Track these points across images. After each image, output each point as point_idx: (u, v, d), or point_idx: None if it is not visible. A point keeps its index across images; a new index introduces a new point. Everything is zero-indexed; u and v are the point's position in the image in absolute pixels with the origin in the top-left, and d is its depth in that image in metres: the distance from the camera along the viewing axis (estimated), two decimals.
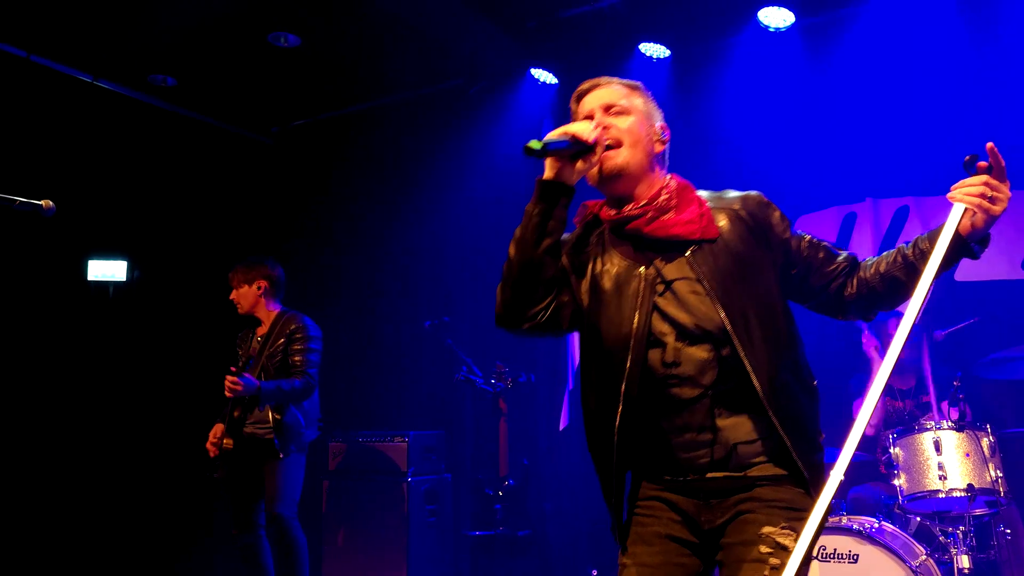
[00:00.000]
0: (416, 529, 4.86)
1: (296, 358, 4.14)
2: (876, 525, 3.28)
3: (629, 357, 1.80)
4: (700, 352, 1.78)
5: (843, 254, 1.92)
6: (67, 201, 2.86)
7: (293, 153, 6.36)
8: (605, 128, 1.86)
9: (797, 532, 1.70)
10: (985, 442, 3.36)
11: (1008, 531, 3.56)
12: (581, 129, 1.81)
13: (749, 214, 1.87)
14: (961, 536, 3.33)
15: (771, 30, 4.67)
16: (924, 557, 3.22)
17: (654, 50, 4.98)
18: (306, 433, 4.20)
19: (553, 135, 1.81)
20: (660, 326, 1.80)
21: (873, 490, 3.99)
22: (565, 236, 1.96)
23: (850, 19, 4.62)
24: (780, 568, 1.69)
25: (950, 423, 3.41)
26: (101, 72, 5.32)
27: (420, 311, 5.82)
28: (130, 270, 5.75)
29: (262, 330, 4.32)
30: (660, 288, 1.82)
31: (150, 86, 5.53)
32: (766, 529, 1.74)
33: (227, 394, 3.90)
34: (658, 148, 1.92)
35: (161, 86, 5.53)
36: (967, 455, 3.33)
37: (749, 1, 4.61)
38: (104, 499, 5.48)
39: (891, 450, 3.51)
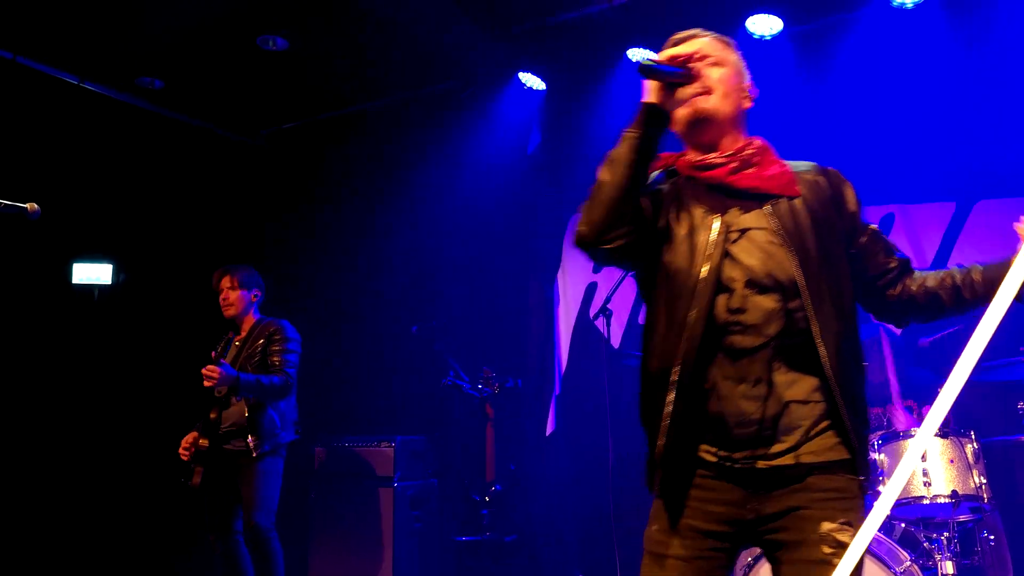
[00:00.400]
0: (402, 534, 4.84)
1: (275, 358, 4.15)
2: None
3: (696, 300, 1.78)
4: (768, 301, 1.77)
5: (900, 254, 1.95)
6: (53, 204, 2.84)
7: (281, 156, 6.34)
8: (699, 77, 1.87)
9: (854, 526, 1.71)
10: (969, 449, 3.37)
11: (992, 537, 3.58)
12: (682, 51, 1.84)
13: (828, 183, 1.91)
14: (945, 542, 3.34)
15: (756, 37, 4.70)
16: (909, 563, 3.23)
17: (642, 57, 5.00)
18: (282, 435, 4.16)
19: (660, 58, 1.84)
20: (730, 272, 1.79)
21: None
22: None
23: (838, 27, 4.66)
24: None
25: (934, 430, 3.42)
26: (88, 74, 5.29)
27: (408, 315, 5.81)
28: (116, 273, 5.71)
29: (240, 337, 4.32)
30: (734, 236, 1.82)
31: (137, 88, 5.51)
32: (825, 527, 1.74)
33: (205, 383, 3.89)
34: (746, 104, 1.95)
35: (148, 88, 5.51)
36: (951, 461, 3.35)
37: (737, 8, 4.64)
38: (90, 502, 5.45)
39: (875, 456, 3.52)
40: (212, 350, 4.36)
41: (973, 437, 3.41)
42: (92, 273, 5.64)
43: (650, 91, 1.83)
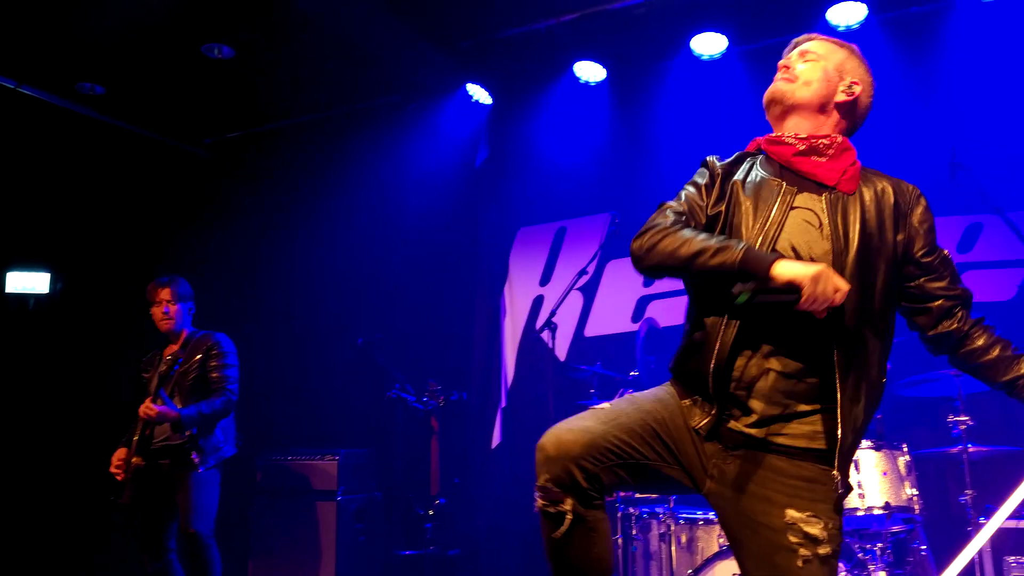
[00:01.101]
0: (345, 549, 4.79)
1: (215, 375, 4.08)
2: None
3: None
4: None
5: (964, 285, 2.02)
6: None
7: (225, 166, 6.25)
8: (786, 69, 2.06)
9: (822, 518, 1.77)
10: (901, 461, 3.46)
11: (923, 548, 3.67)
12: (816, 291, 1.69)
13: (898, 194, 1.98)
14: (879, 552, 3.41)
15: (704, 59, 4.78)
16: (844, 574, 3.30)
17: (589, 72, 5.05)
18: (224, 448, 4.11)
19: (786, 272, 1.71)
20: (779, 244, 1.89)
21: None
22: (723, 161, 2.08)
23: (776, 44, 4.75)
24: (811, 561, 1.74)
25: (868, 443, 3.50)
26: (25, 78, 5.17)
27: (353, 327, 5.76)
28: (53, 282, 5.58)
29: (169, 351, 4.23)
30: (783, 211, 1.91)
31: (77, 94, 5.39)
32: (791, 515, 1.78)
33: (142, 416, 3.82)
34: (839, 97, 2.03)
35: (89, 94, 5.39)
36: (884, 473, 3.42)
37: (682, 28, 4.71)
38: (18, 513, 5.30)
39: None
40: (142, 369, 4.28)
41: (905, 450, 3.50)
42: (27, 282, 5.50)
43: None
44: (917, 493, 3.42)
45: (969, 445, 3.57)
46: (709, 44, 4.76)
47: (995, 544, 3.58)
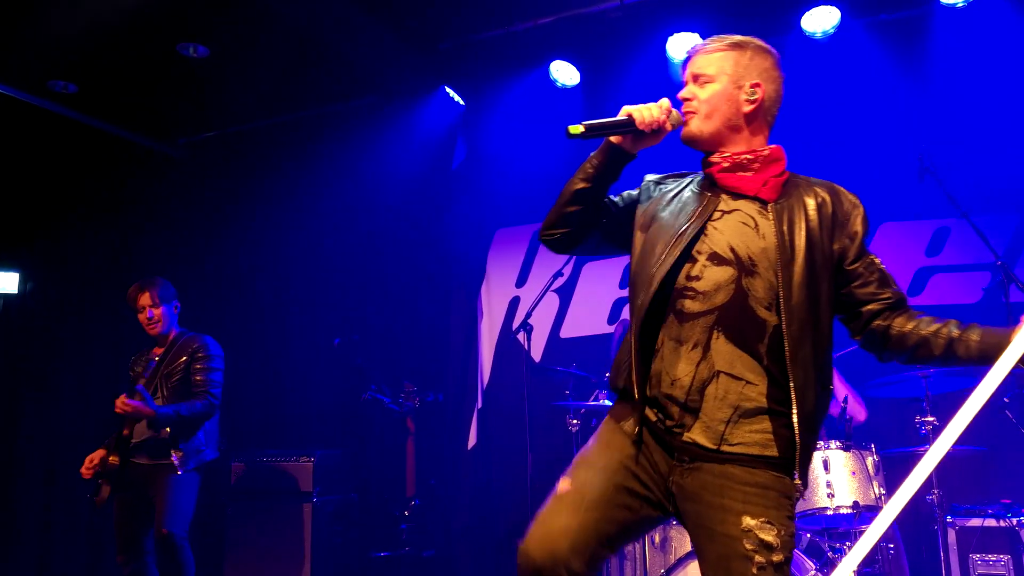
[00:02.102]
0: (321, 550, 4.78)
1: (198, 377, 4.03)
2: None
3: (665, 262, 1.93)
4: (722, 273, 1.90)
5: (896, 288, 2.02)
6: None
7: (200, 166, 6.21)
8: (686, 101, 2.06)
9: (776, 525, 1.79)
10: (870, 461, 3.52)
11: (891, 546, 3.73)
12: (641, 115, 1.98)
13: (837, 203, 2.02)
14: (847, 551, 3.46)
15: (678, 62, 4.82)
16: (813, 572, 3.35)
17: (565, 75, 5.07)
18: (205, 452, 4.06)
19: (623, 111, 1.99)
20: (700, 246, 1.94)
21: None
22: (657, 176, 2.20)
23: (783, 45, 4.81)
24: (766, 568, 1.78)
25: (838, 443, 3.56)
26: None
27: (329, 329, 5.75)
28: (22, 282, 5.51)
29: (158, 350, 4.19)
30: (717, 216, 1.97)
31: (50, 92, 5.32)
32: (747, 522, 1.80)
33: (117, 411, 3.77)
34: (746, 108, 2.04)
35: (62, 92, 5.33)
36: (853, 473, 3.48)
37: (658, 29, 4.74)
38: None
39: None
40: (132, 368, 4.23)
41: (873, 449, 3.56)
42: None
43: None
44: (885, 492, 3.49)
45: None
46: (683, 48, 4.80)
47: (961, 542, 3.66)
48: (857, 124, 4.69)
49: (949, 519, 3.67)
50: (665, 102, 2.01)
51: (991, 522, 3.63)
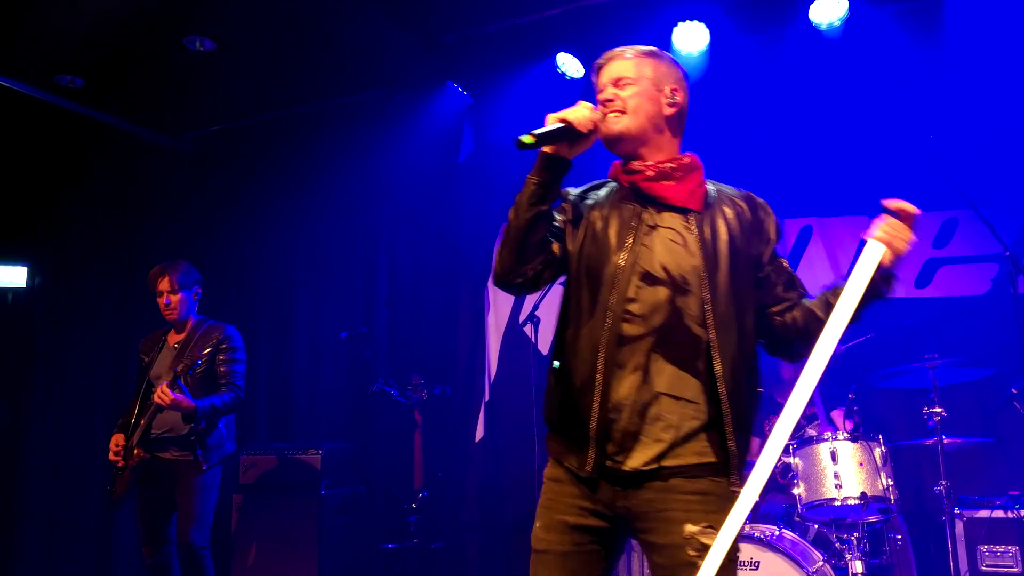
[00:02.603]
0: (329, 542, 4.79)
1: (223, 368, 3.95)
2: (776, 533, 3.40)
3: (611, 291, 1.91)
4: (657, 294, 1.90)
5: (802, 291, 2.06)
6: None
7: (207, 159, 6.22)
8: (609, 101, 2.02)
9: (717, 529, 1.79)
10: (877, 452, 3.52)
11: (898, 537, 3.74)
12: (576, 117, 1.94)
13: (752, 210, 2.04)
14: (855, 542, 3.47)
15: (683, 55, 4.80)
16: (821, 563, 3.36)
17: (571, 67, 5.06)
18: (226, 445, 4.02)
19: (550, 119, 1.96)
20: (634, 267, 1.94)
21: (777, 500, 4.14)
22: (577, 189, 2.13)
23: (757, 42, 4.79)
24: None
25: (845, 434, 3.56)
26: (3, 70, 5.10)
27: (336, 322, 5.77)
28: (31, 276, 5.53)
29: (175, 338, 4.10)
30: (645, 231, 1.96)
31: (57, 86, 5.33)
32: (688, 529, 1.83)
33: (157, 402, 3.67)
34: (667, 111, 2.05)
35: (69, 87, 5.33)
36: (861, 464, 3.48)
37: (664, 19, 4.73)
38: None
39: (790, 460, 3.64)
40: (142, 351, 4.14)
41: (881, 441, 3.56)
42: (5, 276, 5.46)
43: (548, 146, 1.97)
44: (893, 483, 3.49)
45: (944, 436, 3.64)
46: (691, 39, 4.77)
47: (969, 533, 3.66)
48: (863, 116, 4.68)
49: (957, 510, 3.67)
50: (588, 104, 1.99)
51: (999, 513, 3.64)
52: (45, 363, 5.60)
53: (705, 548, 1.79)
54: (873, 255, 1.88)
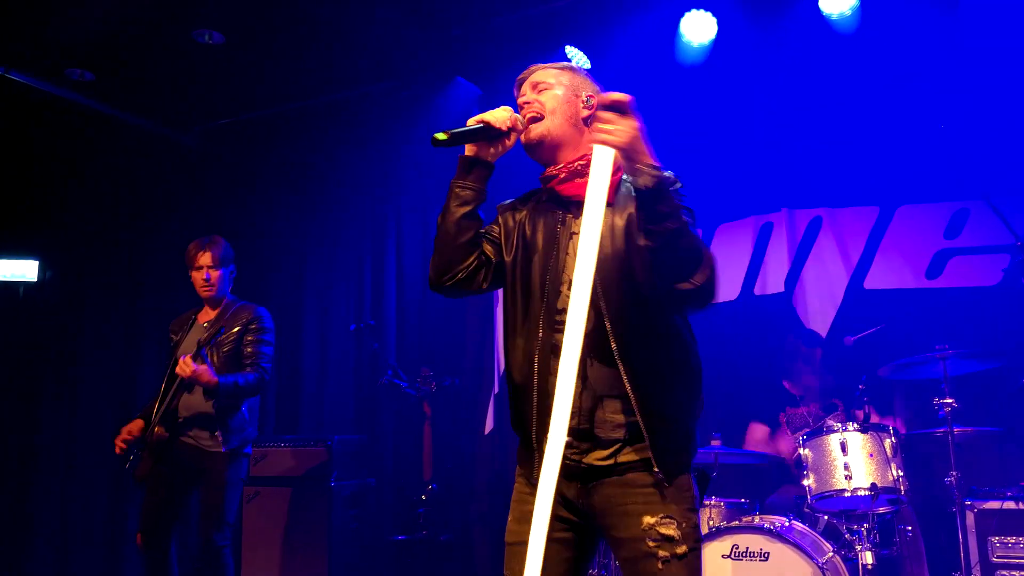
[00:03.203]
0: (339, 535, 4.81)
1: (250, 349, 3.84)
2: (786, 524, 3.40)
3: (541, 301, 1.96)
4: None
5: None
6: None
7: (215, 153, 6.23)
8: (528, 105, 2.08)
9: (676, 518, 1.85)
10: (888, 443, 3.51)
11: (908, 528, 3.73)
12: (494, 116, 2.02)
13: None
14: (865, 533, 3.46)
15: (694, 46, 4.78)
16: (831, 554, 3.35)
17: (578, 59, 5.04)
18: (249, 430, 3.89)
19: (470, 122, 2.03)
20: (562, 276, 1.98)
21: (787, 491, 4.13)
22: (508, 202, 2.18)
23: (766, 31, 4.76)
24: (670, 560, 1.83)
25: (855, 425, 3.55)
26: (13, 63, 5.12)
27: (344, 314, 5.78)
28: (42, 270, 5.56)
29: (205, 316, 3.97)
30: (567, 239, 2.00)
31: (66, 80, 5.35)
32: (646, 520, 1.86)
33: (178, 373, 3.56)
34: (584, 113, 2.09)
35: (78, 80, 5.35)
36: (871, 455, 3.48)
37: (672, 9, 4.70)
38: (8, 500, 5.30)
39: (800, 451, 3.64)
40: (172, 331, 4.02)
41: (891, 431, 3.55)
42: (17, 270, 5.48)
43: (467, 147, 2.04)
44: (903, 474, 3.48)
45: (954, 427, 3.62)
46: (699, 28, 4.74)
47: (979, 525, 3.65)
48: (873, 107, 4.65)
49: (968, 501, 3.66)
50: (508, 107, 2.06)
51: (1010, 504, 3.61)
52: (57, 356, 5.62)
53: (664, 538, 1.84)
54: (602, 160, 1.82)
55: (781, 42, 4.73)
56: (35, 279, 5.52)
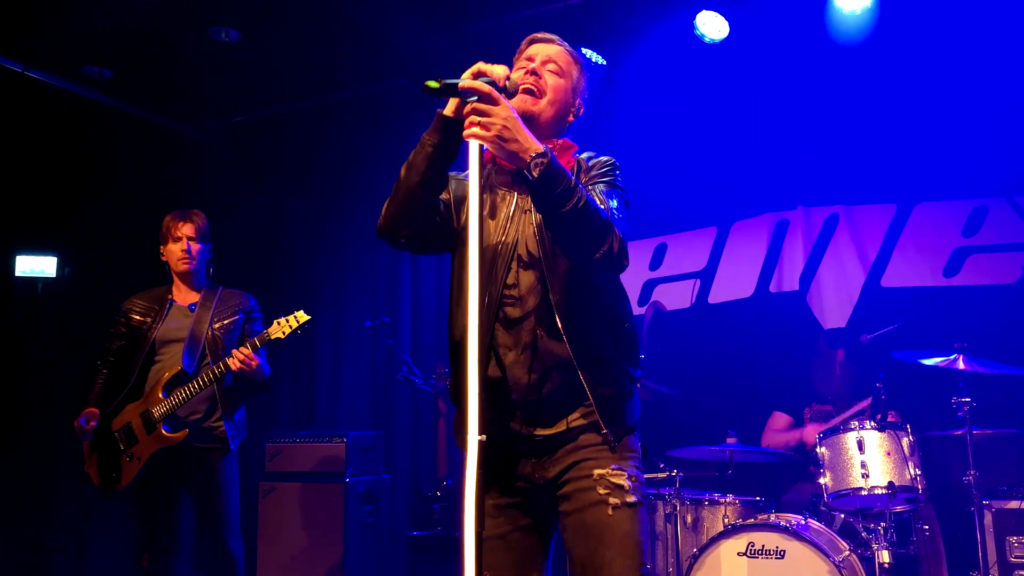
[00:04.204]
0: (354, 530, 4.83)
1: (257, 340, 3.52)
2: (803, 522, 3.39)
3: (490, 274, 1.97)
4: (529, 276, 1.97)
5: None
6: None
7: (232, 149, 6.26)
8: (536, 78, 2.07)
9: (626, 469, 1.92)
10: (905, 441, 3.49)
11: (926, 527, 3.71)
12: (493, 71, 1.92)
13: (589, 167, 2.09)
14: (882, 532, 3.44)
15: (706, 41, 4.75)
16: (847, 552, 3.34)
17: (594, 57, 5.03)
18: (243, 430, 3.72)
19: (466, 74, 1.89)
20: (511, 252, 2.01)
21: (803, 489, 4.12)
22: (461, 172, 2.09)
23: (780, 27, 4.74)
24: (620, 507, 1.88)
25: (872, 423, 3.54)
26: (32, 62, 5.17)
27: (359, 311, 5.79)
28: (60, 266, 5.59)
29: (186, 298, 3.69)
30: (518, 215, 2.04)
31: (85, 78, 5.39)
32: (597, 472, 1.92)
33: (233, 367, 3.31)
34: (570, 118, 2.14)
35: (97, 78, 5.39)
36: (888, 454, 3.46)
37: (687, 6, 4.69)
38: (28, 498, 5.35)
39: (818, 449, 3.63)
40: (140, 313, 3.77)
41: (909, 430, 3.54)
42: (36, 266, 5.52)
43: (450, 103, 1.96)
44: (921, 473, 3.46)
45: (972, 427, 3.60)
46: (713, 26, 4.72)
47: (997, 524, 3.63)
48: (891, 103, 4.63)
49: (986, 501, 3.64)
50: (504, 66, 1.97)
51: None
52: (76, 352, 5.66)
53: (615, 487, 1.89)
54: (474, 151, 1.78)
55: (797, 37, 4.70)
56: (54, 275, 5.56)
